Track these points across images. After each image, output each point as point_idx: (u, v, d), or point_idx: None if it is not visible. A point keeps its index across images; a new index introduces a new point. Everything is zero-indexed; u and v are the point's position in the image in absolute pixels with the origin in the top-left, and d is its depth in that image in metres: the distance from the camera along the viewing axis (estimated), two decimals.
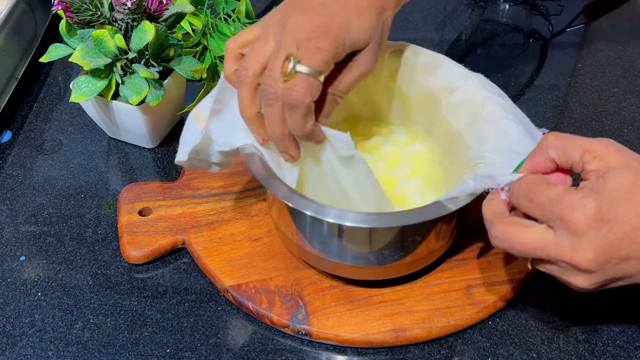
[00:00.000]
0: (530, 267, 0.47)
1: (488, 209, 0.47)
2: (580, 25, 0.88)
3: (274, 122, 0.50)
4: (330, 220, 0.49)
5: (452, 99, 0.58)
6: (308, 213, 0.49)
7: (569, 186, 0.45)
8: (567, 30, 0.87)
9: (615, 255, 0.42)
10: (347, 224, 0.49)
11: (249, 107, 0.51)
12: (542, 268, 0.46)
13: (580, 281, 0.44)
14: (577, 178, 0.46)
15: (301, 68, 0.47)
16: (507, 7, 0.92)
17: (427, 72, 0.60)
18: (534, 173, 0.47)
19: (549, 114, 0.75)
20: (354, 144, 0.51)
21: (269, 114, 0.50)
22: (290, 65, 0.47)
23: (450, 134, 0.58)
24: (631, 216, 0.42)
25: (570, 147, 0.45)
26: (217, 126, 0.54)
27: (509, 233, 0.45)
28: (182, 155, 0.54)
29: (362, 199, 0.53)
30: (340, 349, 0.55)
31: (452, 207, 0.49)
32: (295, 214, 0.52)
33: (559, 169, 0.47)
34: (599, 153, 0.44)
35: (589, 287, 0.44)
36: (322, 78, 0.48)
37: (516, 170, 0.48)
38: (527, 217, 0.46)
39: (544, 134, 0.51)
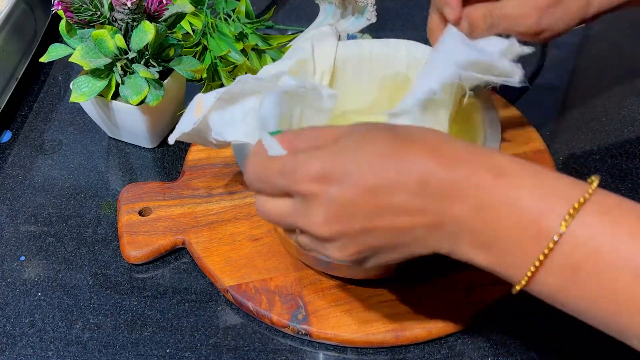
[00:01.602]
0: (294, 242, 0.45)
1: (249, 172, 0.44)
2: (580, 25, 0.88)
3: None
4: None
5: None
6: None
7: (296, 147, 0.41)
8: None
9: (350, 220, 0.39)
10: None
11: None
12: (300, 240, 0.43)
13: (331, 251, 0.41)
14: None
15: None
16: None
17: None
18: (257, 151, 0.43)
19: (549, 114, 0.75)
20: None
21: None
22: None
23: None
24: (361, 172, 0.38)
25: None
26: (217, 117, 0.54)
27: (263, 206, 0.43)
28: (172, 137, 0.55)
29: None
30: (340, 349, 0.55)
31: None
32: None
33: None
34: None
35: (345, 259, 0.41)
36: None
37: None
38: None
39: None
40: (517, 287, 0.39)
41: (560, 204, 0.37)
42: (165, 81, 0.67)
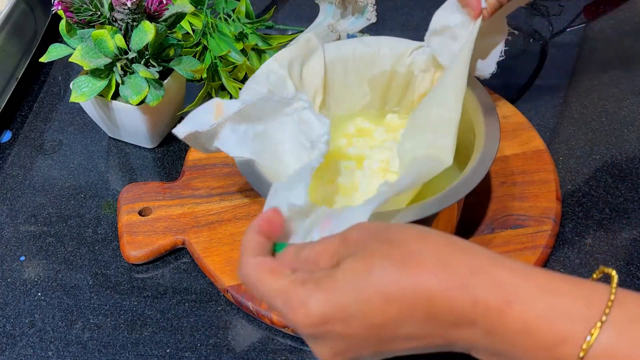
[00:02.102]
0: None
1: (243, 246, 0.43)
2: (580, 25, 0.88)
3: None
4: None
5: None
6: None
7: (295, 278, 0.39)
8: (567, 30, 0.87)
9: (359, 351, 0.39)
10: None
11: None
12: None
13: None
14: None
15: None
16: None
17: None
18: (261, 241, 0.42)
19: (549, 114, 0.75)
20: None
21: None
22: None
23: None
24: (365, 313, 0.37)
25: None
26: (230, 130, 0.53)
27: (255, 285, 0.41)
28: (181, 131, 0.53)
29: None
30: None
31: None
32: None
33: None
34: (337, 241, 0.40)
35: None
36: None
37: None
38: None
39: None
40: None
41: (578, 330, 0.35)
42: (165, 81, 0.67)
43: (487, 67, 0.62)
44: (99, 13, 0.63)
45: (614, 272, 0.37)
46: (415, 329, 0.37)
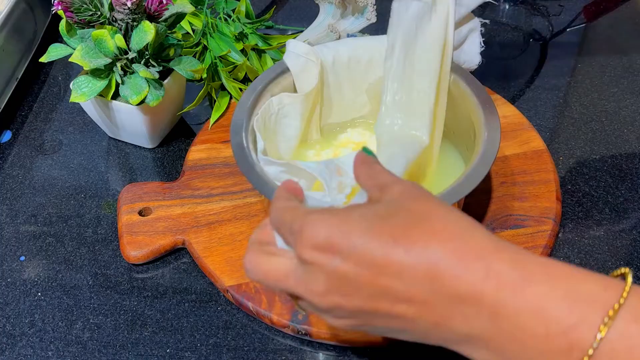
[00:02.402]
0: (297, 308, 0.42)
1: (253, 235, 0.42)
2: (581, 25, 0.88)
3: None
4: None
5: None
6: None
7: (323, 207, 0.39)
8: (567, 30, 0.87)
9: (350, 296, 0.36)
10: None
11: None
12: (301, 307, 0.41)
13: (328, 318, 0.39)
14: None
15: None
16: (507, 7, 0.92)
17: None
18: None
19: (549, 114, 0.75)
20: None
21: None
22: None
23: None
24: (368, 248, 0.35)
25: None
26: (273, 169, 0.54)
27: (257, 262, 0.40)
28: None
29: None
30: (340, 349, 0.55)
31: None
32: None
33: None
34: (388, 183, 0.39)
35: (342, 327, 0.39)
36: None
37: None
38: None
39: None
40: None
41: (594, 311, 0.33)
42: (165, 81, 0.67)
43: (471, 58, 0.63)
44: (99, 13, 0.63)
45: (628, 270, 0.36)
46: (414, 289, 0.35)
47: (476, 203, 0.62)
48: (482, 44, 0.64)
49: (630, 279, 0.34)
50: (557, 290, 0.33)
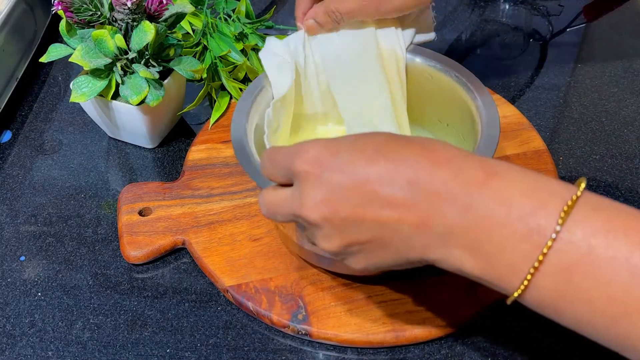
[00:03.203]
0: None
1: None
2: (581, 25, 0.88)
3: None
4: None
5: None
6: None
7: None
8: (567, 30, 0.87)
9: (337, 206, 0.40)
10: None
11: None
12: (308, 237, 0.45)
13: (322, 242, 0.42)
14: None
15: None
16: (507, 7, 0.92)
17: None
18: None
19: (549, 114, 0.75)
20: None
21: None
22: None
23: None
24: (353, 160, 0.40)
25: None
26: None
27: (265, 198, 0.45)
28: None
29: None
30: (340, 349, 0.55)
31: None
32: None
33: None
34: None
35: (332, 250, 0.42)
36: None
37: None
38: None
39: None
40: (514, 294, 0.38)
41: (554, 201, 0.36)
42: (165, 81, 0.67)
43: (424, 34, 0.63)
44: (99, 13, 0.63)
45: (583, 178, 0.38)
46: (397, 192, 0.38)
47: None
48: (435, 19, 0.63)
49: (584, 184, 0.37)
50: (521, 184, 0.37)
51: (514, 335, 0.55)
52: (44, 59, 0.66)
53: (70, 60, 0.63)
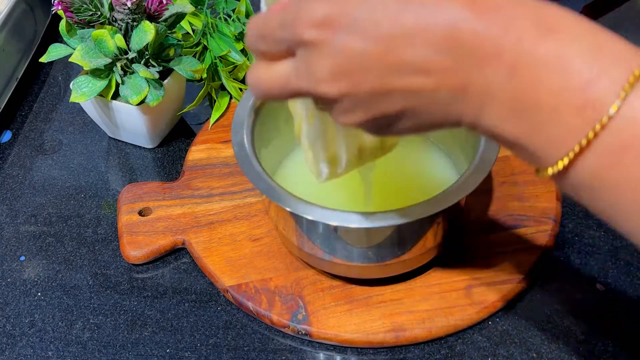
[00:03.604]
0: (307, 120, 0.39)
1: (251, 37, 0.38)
2: None
3: None
4: (329, 222, 0.49)
5: None
6: (306, 217, 0.49)
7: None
8: None
9: (359, 77, 0.32)
10: (345, 225, 0.49)
11: None
12: (321, 109, 0.37)
13: (341, 117, 0.35)
14: None
15: None
16: None
17: None
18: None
19: None
20: None
21: None
22: None
23: None
24: (375, 17, 0.31)
25: None
26: None
27: (258, 75, 0.36)
28: None
29: None
30: (340, 349, 0.55)
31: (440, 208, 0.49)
32: (293, 216, 0.52)
33: None
34: None
35: (355, 125, 0.35)
36: None
37: None
38: None
39: None
40: (551, 170, 0.32)
41: (618, 70, 0.30)
42: (165, 81, 0.67)
43: None
44: (99, 13, 0.63)
45: None
46: (431, 56, 0.31)
47: (476, 203, 0.62)
48: None
49: None
50: (581, 43, 0.31)
51: (514, 335, 0.55)
52: (44, 59, 0.66)
53: (70, 60, 0.63)
